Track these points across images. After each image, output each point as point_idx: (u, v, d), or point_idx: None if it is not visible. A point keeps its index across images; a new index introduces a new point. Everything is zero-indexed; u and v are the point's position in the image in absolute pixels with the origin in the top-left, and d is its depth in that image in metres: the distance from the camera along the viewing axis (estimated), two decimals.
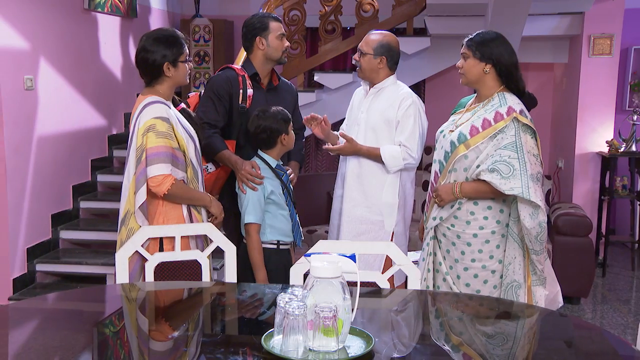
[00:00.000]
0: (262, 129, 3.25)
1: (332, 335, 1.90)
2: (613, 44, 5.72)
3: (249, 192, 3.21)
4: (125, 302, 2.58)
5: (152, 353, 2.12)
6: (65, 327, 2.27)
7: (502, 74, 3.04)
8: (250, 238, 3.21)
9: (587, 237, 4.92)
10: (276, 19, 3.52)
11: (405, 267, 2.68)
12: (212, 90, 3.46)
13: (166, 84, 3.04)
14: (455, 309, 2.54)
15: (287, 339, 1.90)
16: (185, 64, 3.04)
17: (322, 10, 5.96)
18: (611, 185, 5.71)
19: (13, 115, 4.49)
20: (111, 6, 5.71)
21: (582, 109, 5.82)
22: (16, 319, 2.33)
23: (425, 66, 5.99)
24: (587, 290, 4.96)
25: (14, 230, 4.55)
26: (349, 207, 3.64)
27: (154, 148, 2.89)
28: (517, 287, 3.05)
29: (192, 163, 3.04)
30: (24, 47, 4.62)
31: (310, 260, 1.96)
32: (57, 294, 3.05)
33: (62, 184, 5.12)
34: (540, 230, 2.94)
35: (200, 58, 6.96)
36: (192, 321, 2.38)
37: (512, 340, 2.20)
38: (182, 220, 3.01)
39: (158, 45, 2.98)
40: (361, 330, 2.03)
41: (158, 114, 2.92)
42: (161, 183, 2.89)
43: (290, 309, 1.90)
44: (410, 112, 3.53)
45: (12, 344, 2.11)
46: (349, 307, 1.96)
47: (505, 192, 2.91)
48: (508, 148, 2.95)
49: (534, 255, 3.02)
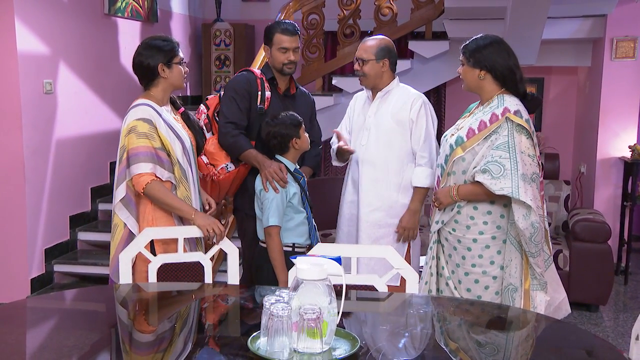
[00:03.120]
0: (273, 135, 3.27)
1: (316, 337, 1.90)
2: (637, 47, 5.61)
3: (272, 195, 3.20)
4: (125, 302, 2.62)
5: (135, 344, 2.14)
6: (62, 327, 2.31)
7: (498, 78, 3.04)
8: (272, 240, 3.21)
9: (605, 243, 4.83)
10: (285, 31, 3.46)
11: (402, 270, 2.67)
12: (233, 89, 3.48)
13: (161, 87, 3.11)
14: (450, 314, 2.51)
15: (273, 340, 1.90)
16: (179, 66, 3.11)
17: (340, 14, 5.98)
18: (633, 191, 5.60)
19: (32, 119, 4.58)
20: (131, 11, 5.79)
21: (604, 113, 5.73)
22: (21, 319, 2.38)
23: (444, 70, 5.96)
24: (605, 298, 4.86)
25: (32, 231, 4.63)
26: (366, 212, 3.62)
27: (134, 148, 2.96)
28: (513, 290, 3.03)
29: (179, 162, 3.07)
30: (44, 51, 4.71)
31: (296, 263, 1.96)
32: (59, 293, 3.10)
33: (81, 186, 5.20)
34: (533, 231, 2.91)
35: (221, 62, 7.02)
36: (181, 320, 2.40)
37: (503, 349, 2.18)
38: (171, 221, 3.04)
39: (152, 49, 3.08)
40: (347, 332, 2.03)
41: (140, 116, 3.00)
42: (138, 181, 2.95)
43: (274, 310, 1.90)
44: (422, 113, 3.54)
45: (16, 344, 2.15)
46: (335, 309, 1.96)
47: (496, 192, 2.90)
48: (500, 148, 2.94)
49: (530, 258, 2.99)
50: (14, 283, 4.58)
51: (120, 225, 3.04)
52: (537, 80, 6.71)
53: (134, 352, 2.11)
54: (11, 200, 4.55)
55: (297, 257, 2.01)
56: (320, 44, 6.02)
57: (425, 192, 3.58)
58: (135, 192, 3.02)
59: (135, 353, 2.11)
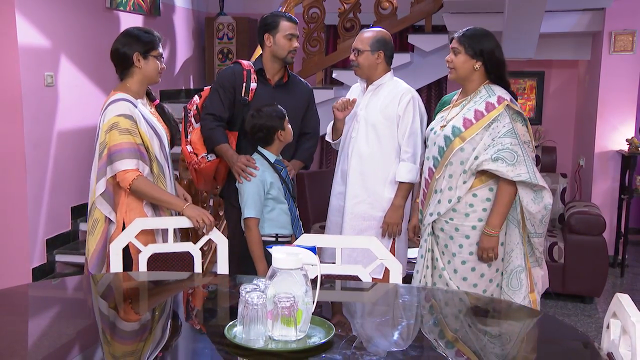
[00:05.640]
0: (258, 128, 3.32)
1: (291, 325, 1.95)
2: (635, 41, 5.62)
3: (248, 187, 3.26)
4: (107, 292, 2.69)
5: (118, 334, 2.20)
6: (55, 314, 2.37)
7: (491, 71, 3.07)
8: (250, 232, 3.28)
9: (600, 235, 4.86)
10: (290, 19, 3.54)
11: (386, 261, 2.72)
12: (218, 82, 3.56)
13: (136, 78, 3.14)
14: (429, 302, 2.56)
15: (249, 328, 1.95)
16: (156, 60, 3.14)
17: (341, 8, 6.01)
18: (630, 184, 5.62)
19: (33, 111, 4.66)
20: (133, 5, 5.85)
21: (602, 107, 5.74)
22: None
23: (444, 63, 5.91)
24: (600, 290, 4.89)
25: (33, 221, 4.71)
26: (351, 204, 3.67)
27: (117, 145, 2.99)
28: (521, 271, 3.10)
29: (156, 159, 3.11)
30: (45, 44, 4.78)
31: (272, 252, 2.02)
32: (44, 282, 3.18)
33: (82, 177, 5.26)
34: (545, 213, 3.03)
35: (224, 55, 7.07)
36: (159, 309, 2.46)
37: (478, 339, 2.22)
38: (143, 212, 3.08)
39: (130, 38, 3.12)
40: (323, 320, 2.08)
41: (121, 112, 3.02)
42: (124, 177, 2.99)
43: (250, 299, 1.96)
44: (409, 108, 3.57)
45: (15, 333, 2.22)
46: (310, 298, 2.01)
47: (513, 179, 2.95)
48: (508, 136, 2.98)
49: (535, 239, 3.08)
50: (16, 272, 4.66)
51: (101, 219, 3.07)
52: (537, 73, 6.72)
53: (116, 341, 2.17)
54: (12, 191, 4.63)
55: (272, 247, 2.06)
56: (321, 38, 6.06)
57: (409, 187, 3.61)
58: (114, 186, 3.05)
59: (117, 342, 2.16)
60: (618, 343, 1.92)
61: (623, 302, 1.93)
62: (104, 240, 3.03)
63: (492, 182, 3.06)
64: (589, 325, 4.56)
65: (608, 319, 2.10)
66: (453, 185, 3.10)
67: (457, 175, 3.09)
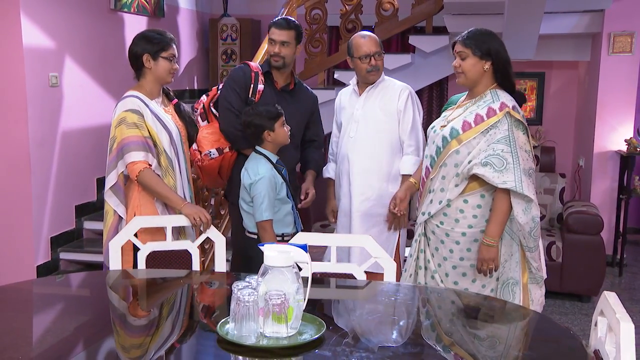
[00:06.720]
0: (247, 124, 3.37)
1: (282, 321, 2.01)
2: (634, 42, 5.65)
3: (264, 190, 3.27)
4: (112, 288, 2.75)
5: (127, 328, 2.27)
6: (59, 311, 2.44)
7: (498, 71, 3.05)
8: (266, 233, 3.30)
9: (597, 235, 4.90)
10: (275, 23, 3.59)
11: (381, 260, 2.77)
12: (232, 80, 3.62)
13: (149, 79, 3.26)
14: (423, 301, 2.62)
15: (241, 325, 2.01)
16: (167, 61, 3.23)
17: (342, 9, 6.07)
18: (629, 184, 5.66)
19: (38, 111, 4.73)
20: (138, 6, 5.92)
21: (601, 107, 5.78)
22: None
23: (444, 64, 6.02)
24: (597, 289, 4.94)
25: (38, 220, 4.79)
26: (357, 202, 3.73)
27: (126, 138, 3.13)
28: (514, 284, 3.08)
29: (165, 152, 3.22)
30: (50, 45, 4.85)
31: (264, 250, 2.07)
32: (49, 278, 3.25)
33: (86, 176, 5.35)
34: (533, 226, 2.97)
35: (228, 56, 7.14)
36: (155, 306, 2.53)
37: (471, 336, 2.28)
38: (154, 208, 3.18)
39: (143, 39, 3.24)
40: (314, 317, 2.13)
41: (128, 107, 3.16)
42: (132, 169, 3.12)
43: (241, 296, 2.01)
44: (410, 103, 3.70)
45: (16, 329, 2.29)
46: (301, 295, 2.06)
47: (499, 185, 2.92)
48: (501, 142, 2.95)
49: (528, 253, 3.04)
50: (21, 270, 4.73)
51: (110, 212, 3.21)
52: (538, 74, 6.75)
53: (120, 335, 2.24)
54: (17, 190, 4.70)
55: (264, 245, 2.12)
56: (323, 39, 6.12)
57: (417, 174, 3.66)
58: (124, 180, 3.19)
59: (125, 335, 2.24)
60: (604, 340, 1.96)
61: (610, 300, 1.96)
62: (114, 233, 3.12)
63: (484, 189, 3.04)
64: (586, 324, 4.60)
65: (596, 317, 2.14)
66: (445, 187, 3.09)
67: (450, 178, 3.07)
